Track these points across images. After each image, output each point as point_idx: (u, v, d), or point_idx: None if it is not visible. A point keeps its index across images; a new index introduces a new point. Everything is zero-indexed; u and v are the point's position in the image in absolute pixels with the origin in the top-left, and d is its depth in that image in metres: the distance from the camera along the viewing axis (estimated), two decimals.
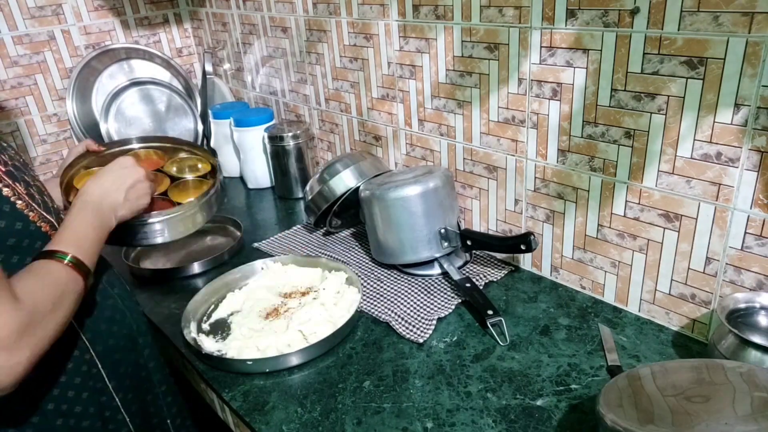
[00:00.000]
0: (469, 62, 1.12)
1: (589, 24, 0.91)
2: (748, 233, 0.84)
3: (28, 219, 0.72)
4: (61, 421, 0.77)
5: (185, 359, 1.01)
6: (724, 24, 0.77)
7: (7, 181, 0.71)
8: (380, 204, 1.14)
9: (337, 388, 0.90)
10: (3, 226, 0.70)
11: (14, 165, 0.75)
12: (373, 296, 1.12)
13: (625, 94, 0.90)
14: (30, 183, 0.76)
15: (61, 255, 0.72)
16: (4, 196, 0.70)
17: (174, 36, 2.02)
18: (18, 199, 0.71)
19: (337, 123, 1.56)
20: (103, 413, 0.83)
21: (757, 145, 0.79)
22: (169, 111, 1.88)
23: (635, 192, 0.94)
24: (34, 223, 0.73)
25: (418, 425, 0.82)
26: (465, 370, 0.92)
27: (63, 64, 1.78)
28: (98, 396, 0.82)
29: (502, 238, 1.14)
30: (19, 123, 1.74)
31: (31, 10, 1.69)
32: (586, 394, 0.85)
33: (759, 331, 0.84)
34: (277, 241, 1.38)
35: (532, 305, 1.07)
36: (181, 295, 1.17)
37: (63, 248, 0.73)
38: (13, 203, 0.71)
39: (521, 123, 1.07)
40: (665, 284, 0.96)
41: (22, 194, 0.72)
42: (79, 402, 0.79)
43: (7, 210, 0.70)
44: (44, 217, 0.75)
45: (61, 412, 0.77)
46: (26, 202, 0.73)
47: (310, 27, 1.50)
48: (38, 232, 0.74)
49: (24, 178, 0.75)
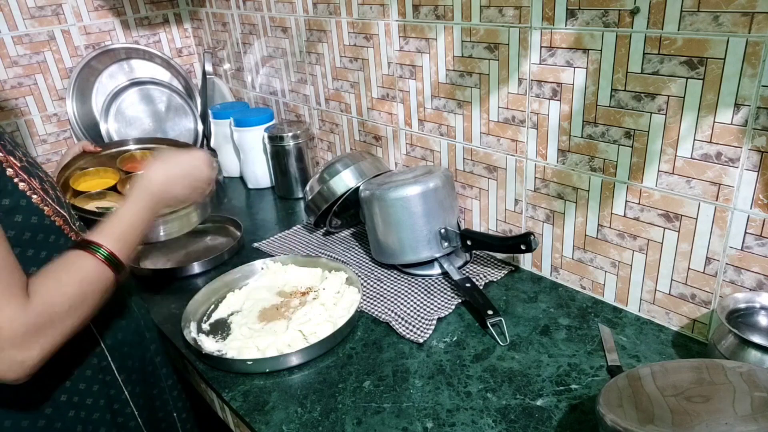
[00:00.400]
0: (469, 62, 1.12)
1: (589, 24, 0.91)
2: (748, 233, 0.84)
3: (43, 213, 0.73)
4: (73, 412, 0.78)
5: (185, 359, 1.01)
6: (724, 24, 0.77)
7: (23, 176, 0.72)
8: (380, 204, 1.14)
9: (337, 388, 0.90)
10: (20, 220, 0.70)
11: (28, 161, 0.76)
12: (373, 296, 1.12)
13: (625, 94, 0.90)
14: (44, 179, 0.77)
15: (96, 248, 0.72)
16: (21, 190, 0.70)
17: (174, 36, 2.02)
18: (33, 193, 0.72)
19: (337, 123, 1.56)
20: (112, 405, 0.84)
21: (757, 145, 0.79)
22: (169, 111, 1.88)
23: (635, 192, 0.94)
24: (48, 218, 0.74)
25: (418, 425, 0.82)
26: (465, 370, 0.92)
27: (63, 64, 1.78)
28: (108, 389, 0.83)
29: (502, 238, 1.14)
30: (19, 123, 1.74)
31: (31, 10, 1.69)
32: (586, 394, 0.85)
33: (759, 331, 0.84)
34: (277, 241, 1.38)
35: (532, 305, 1.07)
36: (181, 295, 1.17)
37: (102, 240, 0.73)
38: (29, 198, 0.71)
39: (521, 123, 1.07)
40: (665, 284, 0.96)
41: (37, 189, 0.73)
42: (89, 394, 0.80)
43: (24, 204, 0.70)
44: (58, 211, 0.76)
45: (72, 403, 0.78)
46: (41, 197, 0.73)
47: (310, 27, 1.50)
48: (53, 227, 0.75)
49: (38, 174, 0.76)
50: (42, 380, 0.74)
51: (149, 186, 0.84)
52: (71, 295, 0.67)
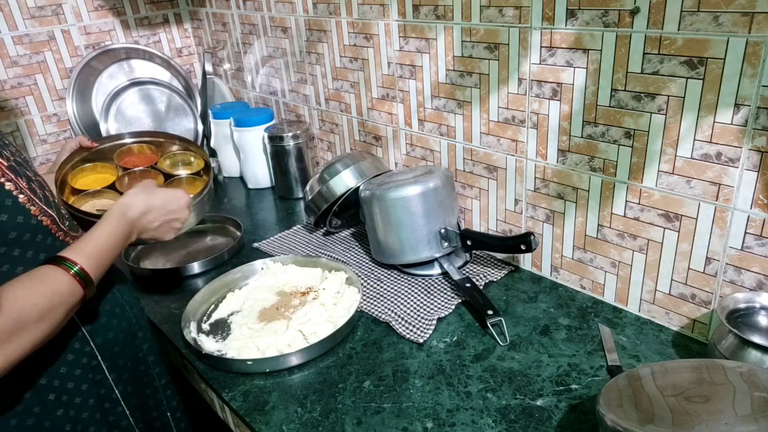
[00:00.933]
0: (469, 62, 1.12)
1: (589, 24, 0.91)
2: (748, 233, 0.84)
3: (29, 213, 0.73)
4: (62, 411, 0.78)
5: (185, 359, 1.01)
6: (724, 24, 0.77)
7: (9, 176, 0.72)
8: (380, 204, 1.14)
9: (337, 388, 0.90)
10: (5, 219, 0.70)
11: (15, 161, 0.76)
12: (373, 296, 1.12)
13: (625, 94, 0.90)
14: (32, 178, 0.77)
15: (70, 264, 0.73)
16: (6, 190, 0.71)
17: (174, 36, 2.02)
18: (20, 193, 0.72)
19: (337, 123, 1.56)
20: (103, 405, 0.84)
21: (757, 145, 0.79)
22: (169, 111, 1.88)
23: (635, 192, 0.94)
24: (35, 217, 0.74)
25: (418, 425, 0.82)
26: (465, 370, 0.92)
27: (63, 64, 1.78)
28: (98, 388, 0.83)
29: (502, 238, 1.14)
30: (19, 123, 1.74)
31: (31, 10, 1.69)
32: (586, 394, 0.85)
33: (759, 331, 0.84)
34: (277, 241, 1.38)
35: (532, 305, 1.07)
36: (181, 295, 1.17)
37: (75, 257, 0.74)
38: (15, 197, 0.71)
39: (521, 123, 1.07)
40: (665, 284, 0.96)
41: (24, 189, 0.73)
42: (78, 393, 0.80)
43: (9, 204, 0.71)
44: (45, 211, 0.76)
45: (61, 402, 0.78)
46: (28, 197, 0.73)
47: (310, 27, 1.50)
48: (39, 226, 0.75)
49: (26, 174, 0.76)
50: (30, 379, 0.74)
51: (127, 212, 0.86)
52: (41, 306, 0.67)
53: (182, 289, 1.21)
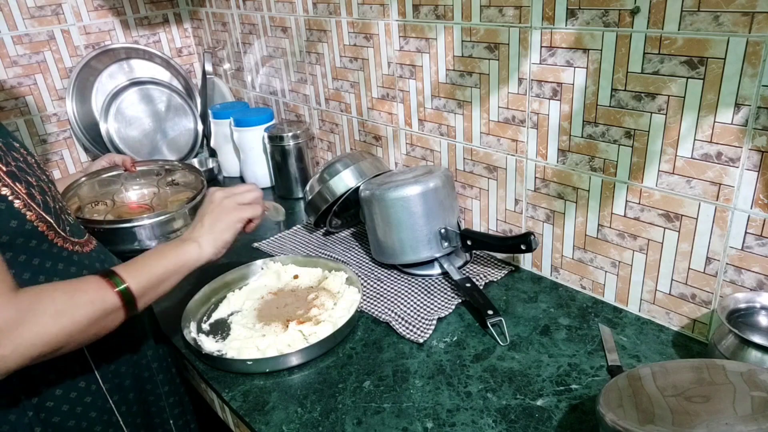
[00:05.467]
0: (469, 62, 1.12)
1: (589, 24, 0.91)
2: (748, 233, 0.84)
3: (24, 218, 0.73)
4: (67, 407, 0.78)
5: (185, 359, 1.01)
6: (724, 24, 0.77)
7: (6, 181, 0.72)
8: (380, 204, 1.14)
9: (337, 388, 0.90)
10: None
11: (17, 165, 0.76)
12: (373, 296, 1.12)
13: (626, 93, 0.90)
14: (32, 183, 0.77)
15: (118, 280, 0.73)
16: (2, 195, 0.71)
17: (174, 36, 2.02)
18: (16, 198, 0.72)
19: (337, 123, 1.56)
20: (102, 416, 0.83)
21: (758, 145, 0.79)
22: (169, 111, 1.88)
23: (635, 192, 0.94)
24: (30, 222, 0.74)
25: (418, 425, 0.82)
26: (465, 370, 0.92)
27: (63, 64, 1.78)
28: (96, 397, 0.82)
29: (502, 238, 1.14)
30: (19, 123, 1.74)
31: (31, 10, 1.69)
32: (586, 394, 0.85)
33: (759, 331, 0.84)
34: (277, 241, 1.38)
35: (532, 305, 1.07)
36: (181, 295, 1.17)
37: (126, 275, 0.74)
38: (11, 202, 0.71)
39: (521, 123, 1.07)
40: (665, 284, 0.96)
41: (22, 194, 0.73)
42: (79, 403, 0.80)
43: (3, 208, 0.71)
44: (42, 216, 0.76)
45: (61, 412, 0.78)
46: (24, 202, 0.73)
47: (310, 27, 1.50)
48: (34, 231, 0.75)
49: (26, 179, 0.76)
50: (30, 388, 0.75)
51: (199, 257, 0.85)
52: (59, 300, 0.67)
53: (182, 289, 1.21)
